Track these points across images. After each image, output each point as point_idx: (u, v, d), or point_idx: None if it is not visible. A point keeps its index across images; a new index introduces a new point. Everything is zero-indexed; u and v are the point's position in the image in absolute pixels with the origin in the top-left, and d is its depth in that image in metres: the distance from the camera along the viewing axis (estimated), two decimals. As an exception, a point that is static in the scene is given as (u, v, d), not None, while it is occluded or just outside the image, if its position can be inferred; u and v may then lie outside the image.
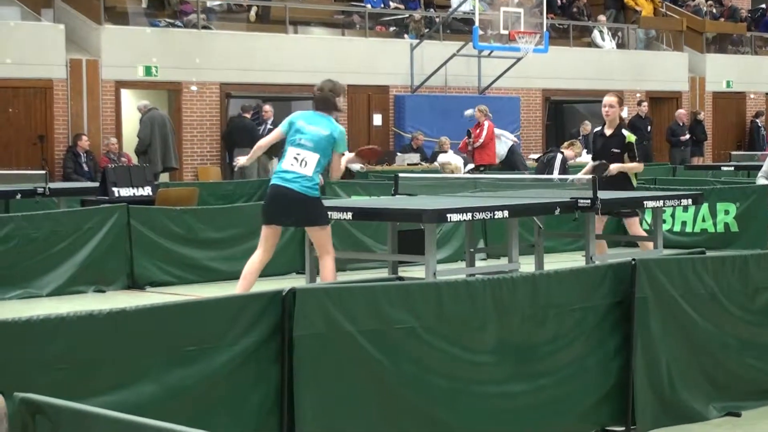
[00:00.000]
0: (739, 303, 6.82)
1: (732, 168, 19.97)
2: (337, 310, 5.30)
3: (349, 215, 9.34)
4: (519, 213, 9.47)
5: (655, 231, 10.61)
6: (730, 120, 29.74)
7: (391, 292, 5.55)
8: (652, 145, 25.92)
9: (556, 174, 15.61)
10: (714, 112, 29.29)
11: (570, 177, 11.79)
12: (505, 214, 9.05)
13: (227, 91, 21.69)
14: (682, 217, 15.06)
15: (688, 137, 26.26)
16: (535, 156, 22.51)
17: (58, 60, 19.63)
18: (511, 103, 24.99)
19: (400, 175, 11.39)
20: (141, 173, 14.13)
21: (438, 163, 20.99)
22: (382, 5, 24.80)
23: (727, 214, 14.71)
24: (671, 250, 11.19)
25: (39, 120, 19.59)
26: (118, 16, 20.94)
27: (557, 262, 11.72)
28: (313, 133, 9.08)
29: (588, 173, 11.10)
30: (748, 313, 6.89)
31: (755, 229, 14.41)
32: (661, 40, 29.27)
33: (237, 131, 20.83)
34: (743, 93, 29.92)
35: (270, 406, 5.19)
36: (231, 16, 22.92)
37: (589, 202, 9.49)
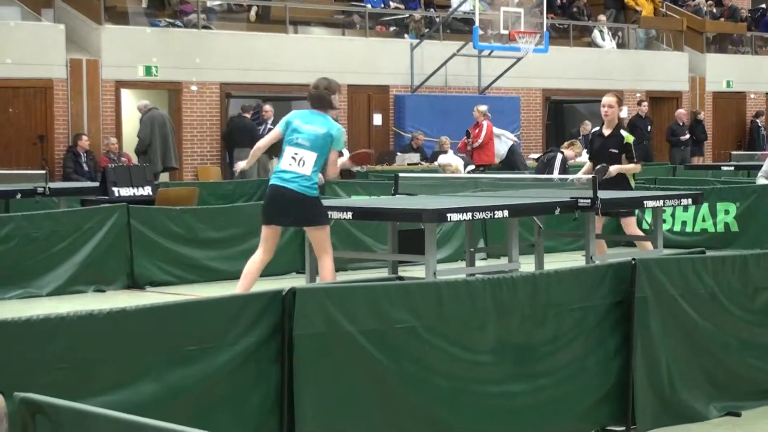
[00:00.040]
0: (739, 303, 6.82)
1: (732, 168, 19.97)
2: (337, 310, 5.30)
3: (349, 215, 9.33)
4: (519, 213, 9.47)
5: (655, 231, 10.61)
6: (730, 120, 29.73)
7: (392, 291, 5.55)
8: (652, 145, 25.91)
9: (556, 174, 15.60)
10: (714, 111, 29.29)
11: (570, 177, 11.79)
12: (505, 213, 9.05)
13: (227, 90, 21.69)
14: (682, 216, 15.05)
15: (688, 137, 26.25)
16: (535, 156, 22.51)
17: (58, 60, 19.63)
18: (511, 103, 24.98)
19: (400, 174, 11.39)
20: (141, 173, 14.12)
21: (439, 165, 20.97)
22: (382, 5, 24.79)
23: (727, 214, 14.70)
24: (671, 250, 11.19)
25: (39, 120, 19.59)
26: (118, 15, 20.94)
27: (557, 262, 11.72)
28: (310, 132, 9.06)
29: (587, 173, 11.11)
30: (748, 313, 6.88)
31: (755, 229, 14.40)
32: (662, 40, 29.26)
33: (237, 131, 20.83)
34: (743, 93, 29.92)
35: (270, 405, 5.20)
36: (231, 15, 22.91)
37: (589, 201, 9.50)
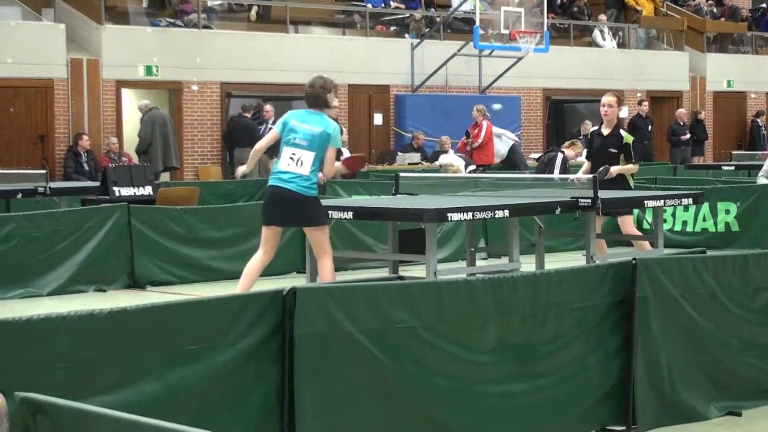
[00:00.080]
0: (739, 302, 6.82)
1: (733, 167, 19.96)
2: (337, 310, 5.30)
3: (349, 215, 9.33)
4: (520, 212, 9.47)
5: (655, 230, 10.61)
6: (731, 119, 29.73)
7: (392, 291, 5.55)
8: (653, 145, 25.90)
9: (556, 173, 15.61)
10: (715, 111, 29.28)
11: (571, 176, 11.80)
12: (506, 213, 9.05)
13: (228, 90, 21.70)
14: (683, 216, 15.05)
15: (688, 137, 26.24)
16: (536, 155, 22.51)
17: (58, 60, 19.63)
18: (511, 103, 24.98)
19: (401, 174, 11.39)
20: (142, 173, 14.12)
21: (440, 165, 20.95)
22: (383, 5, 24.78)
23: (727, 214, 14.70)
24: (672, 250, 11.19)
25: (40, 119, 19.59)
26: (118, 15, 20.94)
27: (558, 262, 11.73)
28: (307, 131, 9.04)
29: (586, 173, 11.11)
30: (749, 313, 6.88)
31: (756, 229, 14.40)
32: (662, 40, 29.26)
33: (237, 131, 20.83)
34: (744, 92, 29.91)
35: (271, 405, 5.20)
36: (232, 15, 22.91)
37: (589, 201, 9.50)
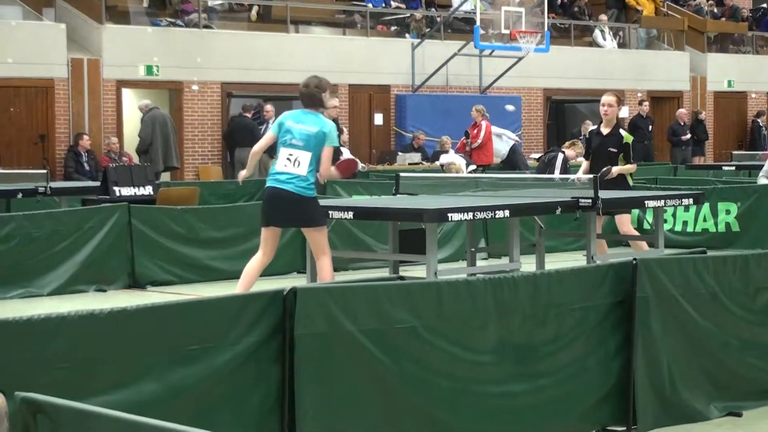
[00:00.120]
0: (740, 303, 6.82)
1: (733, 168, 19.96)
2: (338, 310, 5.30)
3: (350, 215, 9.33)
4: (520, 212, 9.47)
5: (656, 230, 10.61)
6: (732, 119, 29.72)
7: (392, 291, 5.55)
8: (653, 145, 25.90)
9: (557, 173, 15.60)
10: (715, 111, 29.28)
11: (571, 177, 11.79)
12: (506, 213, 9.05)
13: (228, 90, 21.70)
14: (684, 216, 15.05)
15: (689, 137, 26.24)
16: (537, 155, 22.51)
17: (59, 59, 19.63)
18: (512, 103, 24.95)
19: (401, 174, 11.39)
20: (142, 172, 14.12)
21: (442, 163, 20.93)
22: (384, 5, 24.78)
23: (728, 214, 14.70)
24: (672, 250, 11.18)
25: (40, 119, 19.60)
26: (119, 15, 20.94)
27: (558, 262, 11.73)
28: (302, 132, 9.03)
29: (585, 172, 11.12)
30: (749, 313, 6.88)
31: (756, 229, 14.40)
32: (663, 40, 29.26)
33: (238, 130, 20.83)
34: (744, 92, 29.91)
35: (271, 405, 5.20)
36: (232, 15, 22.91)
37: (590, 201, 9.50)
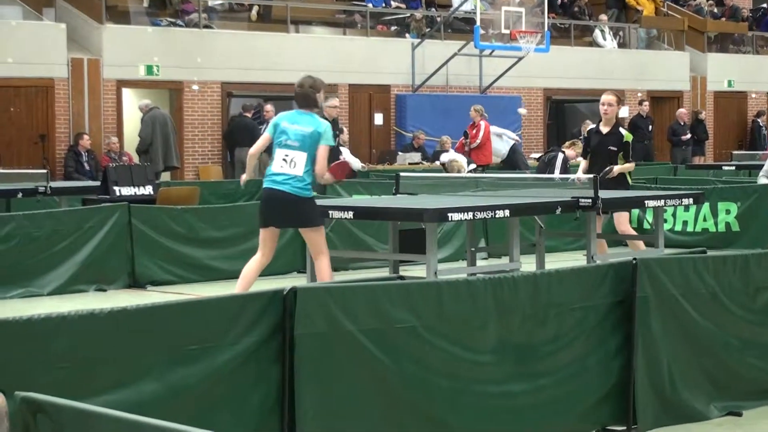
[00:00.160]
0: (740, 302, 6.82)
1: (733, 167, 19.96)
2: (338, 310, 5.30)
3: (350, 214, 9.33)
4: (520, 212, 9.47)
5: (656, 230, 10.61)
6: (732, 119, 29.72)
7: (392, 291, 5.55)
8: (653, 145, 25.90)
9: (557, 173, 15.60)
10: (715, 111, 29.27)
11: (571, 176, 11.79)
12: (507, 213, 9.05)
13: (228, 90, 21.69)
14: (684, 216, 15.05)
15: (689, 137, 26.24)
16: (537, 155, 22.50)
17: (59, 59, 19.63)
18: (512, 103, 24.97)
19: (402, 174, 11.39)
20: (142, 172, 14.12)
21: (443, 162, 20.89)
22: (384, 4, 24.78)
23: (728, 214, 14.70)
24: (672, 250, 11.19)
25: (40, 119, 19.59)
26: (119, 15, 20.94)
27: (558, 262, 11.73)
28: (297, 132, 9.03)
29: (585, 172, 11.12)
30: (749, 313, 6.88)
31: (756, 229, 14.40)
32: (663, 40, 29.26)
33: (238, 130, 20.83)
34: (744, 92, 29.91)
35: (271, 405, 5.20)
36: (232, 15, 22.91)
37: (590, 201, 9.50)
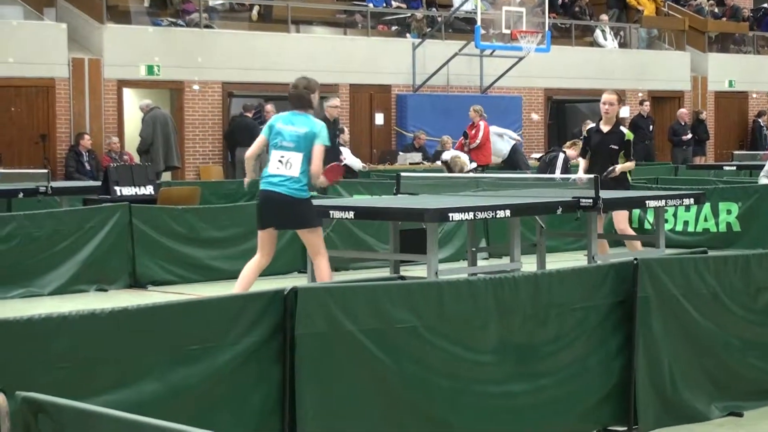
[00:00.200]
0: (741, 303, 6.81)
1: (734, 167, 19.96)
2: (338, 310, 5.30)
3: (351, 214, 9.33)
4: (521, 212, 9.47)
5: (657, 230, 10.61)
6: (732, 119, 29.72)
7: (393, 291, 5.55)
8: (654, 145, 25.90)
9: (558, 173, 15.60)
10: (716, 111, 29.27)
11: (572, 176, 11.79)
12: (507, 213, 9.05)
13: (229, 90, 21.69)
14: (684, 216, 15.05)
15: (690, 137, 26.23)
16: (537, 155, 22.50)
17: (60, 59, 19.63)
18: (513, 103, 24.98)
19: (402, 174, 11.39)
20: (143, 172, 14.12)
21: (446, 159, 20.83)
22: (384, 4, 24.78)
23: (729, 214, 14.69)
24: (673, 250, 11.18)
25: (41, 119, 19.59)
26: (120, 15, 20.94)
27: (559, 262, 11.73)
28: (292, 133, 9.03)
29: (585, 171, 11.12)
30: (751, 313, 6.88)
31: (757, 229, 14.40)
32: (663, 40, 29.25)
33: (239, 130, 20.81)
34: (745, 92, 29.90)
35: (272, 405, 5.20)
36: (233, 15, 22.91)
37: (591, 201, 9.49)
